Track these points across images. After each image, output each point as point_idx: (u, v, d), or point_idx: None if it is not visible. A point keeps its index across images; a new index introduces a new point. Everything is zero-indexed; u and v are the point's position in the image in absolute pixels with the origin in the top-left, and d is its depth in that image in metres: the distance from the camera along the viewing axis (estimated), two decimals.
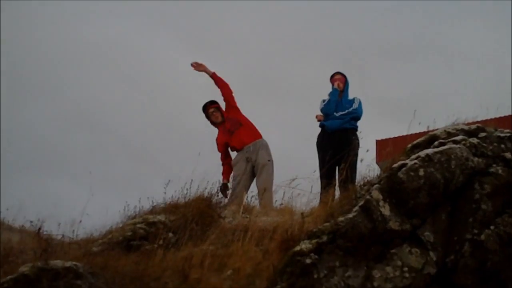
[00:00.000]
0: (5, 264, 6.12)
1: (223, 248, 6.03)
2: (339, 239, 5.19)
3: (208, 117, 9.62)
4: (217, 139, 9.61)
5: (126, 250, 6.59)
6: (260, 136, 9.48)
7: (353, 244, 5.16)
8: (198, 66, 9.48)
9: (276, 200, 8.31)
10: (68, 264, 5.55)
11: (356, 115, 9.18)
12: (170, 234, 6.71)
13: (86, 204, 8.90)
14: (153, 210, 7.81)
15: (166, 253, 6.13)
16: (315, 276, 4.99)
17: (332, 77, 9.63)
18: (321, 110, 9.38)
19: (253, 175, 9.20)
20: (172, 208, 7.59)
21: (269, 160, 9.24)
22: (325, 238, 5.24)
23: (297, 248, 5.23)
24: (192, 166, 8.16)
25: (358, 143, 8.89)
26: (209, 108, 9.61)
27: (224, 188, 9.05)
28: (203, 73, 9.44)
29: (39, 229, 7.67)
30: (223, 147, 9.55)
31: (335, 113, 9.16)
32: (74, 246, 7.02)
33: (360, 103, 9.27)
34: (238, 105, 9.61)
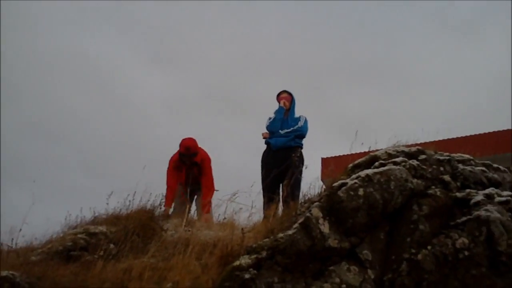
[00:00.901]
0: None
1: (163, 261, 6.00)
2: (278, 255, 5.23)
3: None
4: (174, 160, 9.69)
5: (66, 261, 6.50)
6: None
7: (292, 261, 5.20)
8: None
9: (219, 214, 8.33)
10: (4, 273, 5.46)
11: (300, 133, 9.24)
12: (111, 246, 6.64)
13: (27, 213, 8.77)
14: (95, 221, 7.73)
15: (106, 264, 6.08)
16: None
17: (278, 95, 9.69)
18: (267, 127, 9.43)
19: None
20: (114, 219, 7.53)
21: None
22: (264, 254, 5.27)
23: (237, 263, 5.25)
24: (136, 178, 8.13)
25: (303, 161, 8.94)
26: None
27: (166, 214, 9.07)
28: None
29: None
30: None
31: (280, 131, 9.21)
32: (13, 255, 6.89)
33: (305, 121, 9.33)
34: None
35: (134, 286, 5.48)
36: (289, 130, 9.21)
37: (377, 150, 6.62)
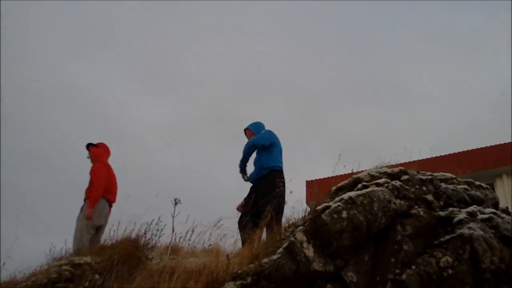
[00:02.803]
0: None
1: None
2: (263, 280, 5.22)
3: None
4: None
5: None
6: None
7: (277, 286, 5.19)
8: None
9: (204, 241, 8.32)
10: None
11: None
12: (96, 276, 6.62)
13: (10, 247, 8.72)
14: (80, 252, 7.71)
15: None
16: None
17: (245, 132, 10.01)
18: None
19: None
20: (99, 250, 7.51)
21: (77, 217, 9.59)
22: (249, 279, 5.27)
23: None
24: (120, 207, 8.12)
25: (283, 185, 8.98)
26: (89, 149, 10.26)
27: None
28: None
29: None
30: None
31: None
32: None
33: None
34: None
35: None
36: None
37: (361, 171, 6.66)
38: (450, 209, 5.94)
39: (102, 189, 9.74)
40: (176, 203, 9.12)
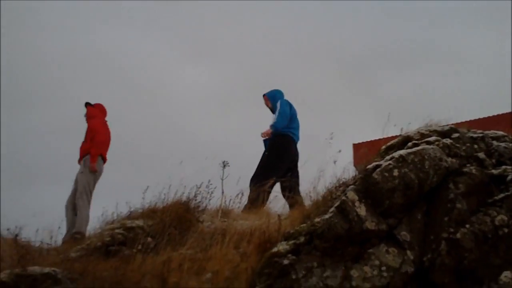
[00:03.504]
0: None
1: (201, 252, 6.03)
2: (316, 239, 5.22)
3: None
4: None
5: (105, 256, 6.56)
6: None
7: (330, 245, 5.19)
8: None
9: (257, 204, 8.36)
10: (46, 270, 5.53)
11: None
12: (149, 239, 6.69)
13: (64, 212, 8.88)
14: (131, 216, 7.79)
15: (145, 258, 6.12)
16: (293, 277, 5.02)
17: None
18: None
19: None
20: (150, 213, 7.57)
21: (81, 172, 9.73)
22: (302, 239, 5.28)
23: (275, 249, 5.26)
24: (171, 171, 8.18)
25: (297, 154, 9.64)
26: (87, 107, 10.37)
27: None
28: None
29: (17, 236, 7.63)
30: None
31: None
32: (53, 253, 6.99)
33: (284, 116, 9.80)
34: None
35: (174, 278, 5.51)
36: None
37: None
38: (503, 167, 5.85)
39: (103, 143, 9.94)
40: (224, 166, 9.19)
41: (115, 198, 8.53)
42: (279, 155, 9.43)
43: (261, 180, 8.60)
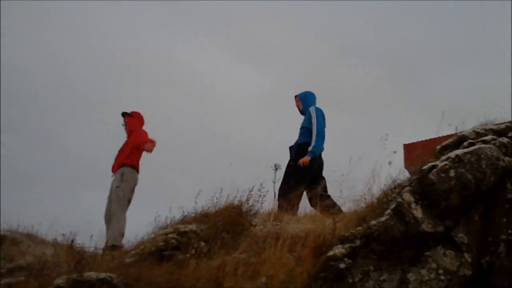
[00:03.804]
0: (40, 277, 6.18)
1: (255, 256, 6.02)
2: (373, 242, 5.17)
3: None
4: None
5: (159, 261, 6.60)
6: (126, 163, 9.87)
7: (386, 248, 5.14)
8: None
9: (306, 207, 8.31)
10: (102, 275, 5.59)
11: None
12: (202, 243, 6.70)
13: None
14: (184, 220, 7.81)
15: (199, 262, 6.14)
16: (350, 280, 4.99)
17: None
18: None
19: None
20: (202, 217, 7.58)
21: (117, 186, 9.64)
22: (358, 242, 5.23)
23: (331, 253, 5.22)
24: (222, 175, 8.18)
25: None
26: (125, 117, 10.30)
27: None
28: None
29: (72, 241, 7.74)
30: None
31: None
32: (107, 258, 7.06)
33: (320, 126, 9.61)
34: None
35: (229, 282, 5.52)
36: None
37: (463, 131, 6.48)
38: None
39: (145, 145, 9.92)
40: (276, 169, 9.17)
41: (168, 203, 8.58)
42: (305, 167, 9.30)
43: (290, 191, 8.55)
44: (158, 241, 7.05)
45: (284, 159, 9.62)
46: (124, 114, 10.28)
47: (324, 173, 9.44)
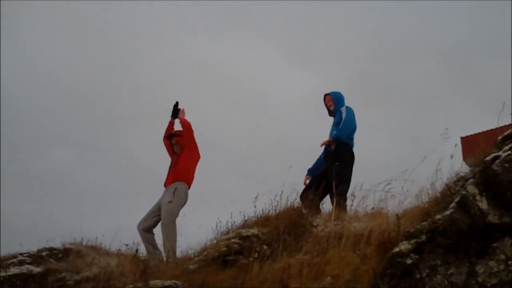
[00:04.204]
0: None
1: (319, 256, 6.00)
2: (438, 237, 5.09)
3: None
4: None
5: (222, 266, 6.65)
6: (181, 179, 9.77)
7: (453, 241, 5.05)
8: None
9: (366, 205, 8.24)
10: (167, 283, 5.65)
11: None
12: (265, 247, 6.72)
13: (179, 224, 9.06)
14: (245, 224, 7.85)
15: (262, 265, 6.16)
16: (417, 276, 4.92)
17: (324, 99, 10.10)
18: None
19: None
20: (263, 220, 7.61)
21: (170, 202, 9.46)
22: (423, 237, 5.16)
23: (396, 249, 5.16)
24: (282, 178, 8.20)
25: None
26: (173, 139, 10.21)
27: None
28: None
29: (136, 251, 7.85)
30: None
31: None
32: (171, 266, 7.13)
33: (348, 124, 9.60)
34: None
35: (294, 283, 5.51)
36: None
37: None
38: None
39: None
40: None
41: (228, 208, 8.63)
42: (349, 166, 9.24)
43: (347, 189, 8.55)
44: (220, 246, 7.09)
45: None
46: (170, 137, 10.28)
47: (383, 169, 9.40)
